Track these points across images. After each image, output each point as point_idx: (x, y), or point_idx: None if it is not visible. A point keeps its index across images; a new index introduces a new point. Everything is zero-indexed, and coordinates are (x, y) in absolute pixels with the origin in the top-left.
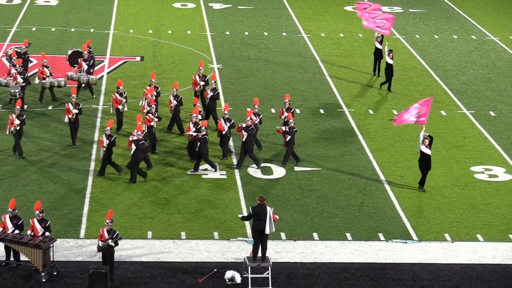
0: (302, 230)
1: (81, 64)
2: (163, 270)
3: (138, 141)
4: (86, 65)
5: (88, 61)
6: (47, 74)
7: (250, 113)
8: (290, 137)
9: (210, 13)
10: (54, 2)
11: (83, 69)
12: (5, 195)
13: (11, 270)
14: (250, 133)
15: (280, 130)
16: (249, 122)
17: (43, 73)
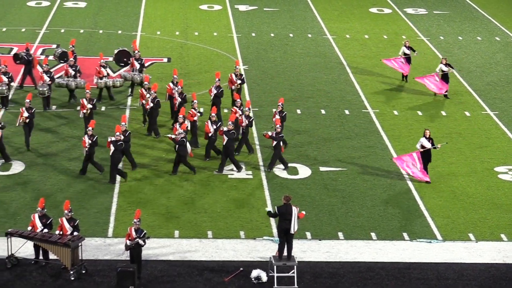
0: (328, 230)
1: (133, 63)
2: (189, 268)
3: (117, 142)
4: (139, 64)
5: (140, 60)
6: (104, 74)
7: (233, 117)
8: (276, 142)
9: (236, 15)
10: (82, 4)
11: (136, 68)
12: (34, 195)
13: (40, 268)
14: (230, 137)
15: (266, 135)
16: (230, 126)
17: (100, 73)
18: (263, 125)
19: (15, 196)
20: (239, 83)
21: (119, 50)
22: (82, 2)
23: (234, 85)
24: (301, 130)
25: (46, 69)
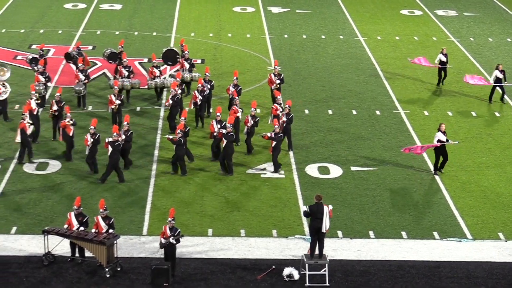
0: (359, 229)
1: (183, 63)
2: (222, 266)
3: (114, 142)
4: (188, 65)
5: (189, 60)
6: (156, 75)
7: (231, 119)
8: (275, 143)
9: (269, 17)
10: (118, 7)
11: (185, 68)
12: (71, 193)
13: (77, 265)
14: (229, 140)
15: (265, 136)
16: (229, 129)
17: (152, 73)
18: (295, 124)
19: (51, 195)
20: (279, 83)
21: (167, 49)
22: (118, 4)
23: (273, 85)
24: (333, 130)
25: (81, 68)
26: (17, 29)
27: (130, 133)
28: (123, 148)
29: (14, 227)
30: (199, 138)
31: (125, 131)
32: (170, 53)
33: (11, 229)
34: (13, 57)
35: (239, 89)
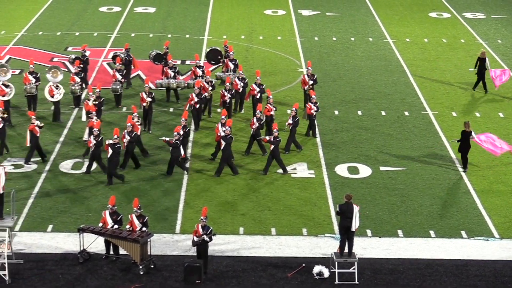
0: (387, 227)
1: (227, 64)
2: (254, 264)
3: (115, 145)
4: (232, 65)
5: (234, 61)
6: (199, 74)
7: (229, 122)
8: (274, 146)
9: (299, 20)
10: (152, 10)
11: (230, 69)
12: (105, 192)
13: (111, 263)
14: (228, 142)
15: (264, 139)
16: (227, 131)
17: (195, 73)
18: (325, 125)
19: (87, 193)
20: (312, 83)
21: (211, 49)
22: (152, 7)
23: (306, 86)
24: (362, 131)
25: (118, 68)
26: (53, 31)
27: (134, 134)
28: (127, 149)
29: (50, 225)
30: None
31: (129, 132)
32: (213, 52)
33: (48, 227)
34: (49, 59)
35: (262, 87)
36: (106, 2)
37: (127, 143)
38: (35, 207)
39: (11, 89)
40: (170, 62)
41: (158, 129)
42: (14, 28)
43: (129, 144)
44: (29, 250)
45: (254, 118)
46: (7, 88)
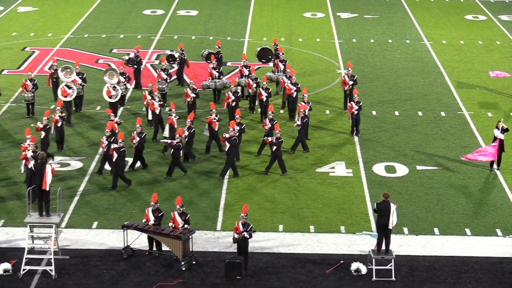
0: (424, 225)
1: (277, 65)
2: (293, 261)
3: (119, 149)
4: (283, 66)
5: (284, 62)
6: (244, 74)
7: (233, 123)
8: (276, 147)
9: (338, 22)
10: (194, 13)
11: (280, 69)
12: (148, 190)
13: (154, 259)
14: (232, 143)
15: (267, 140)
16: (232, 133)
17: (241, 72)
18: (363, 125)
19: (130, 191)
20: (352, 84)
21: (262, 48)
22: (194, 10)
23: (347, 86)
24: (399, 131)
25: (163, 68)
26: (99, 34)
27: (144, 135)
28: (137, 149)
29: (95, 222)
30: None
31: (139, 133)
32: (264, 51)
33: (93, 224)
34: (95, 61)
35: (298, 86)
36: (150, 5)
37: (137, 144)
38: (80, 205)
39: (73, 91)
40: (213, 62)
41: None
42: (61, 30)
43: (138, 144)
44: (74, 246)
45: (266, 119)
46: (70, 89)
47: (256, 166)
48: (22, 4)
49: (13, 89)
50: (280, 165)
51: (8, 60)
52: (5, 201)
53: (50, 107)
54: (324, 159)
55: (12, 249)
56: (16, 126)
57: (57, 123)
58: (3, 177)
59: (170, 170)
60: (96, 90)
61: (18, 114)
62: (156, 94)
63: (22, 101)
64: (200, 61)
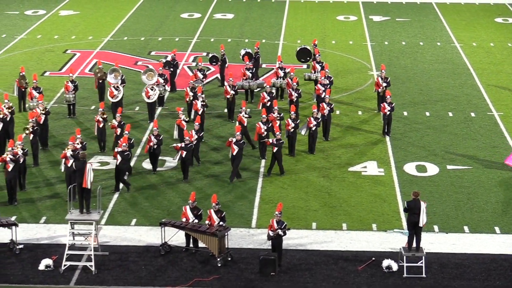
0: (454, 223)
1: (314, 66)
2: (326, 257)
3: (123, 152)
4: (319, 67)
5: (321, 63)
6: (280, 75)
7: (239, 128)
8: (277, 149)
9: (370, 25)
10: (230, 16)
11: (317, 70)
12: (186, 188)
13: (191, 255)
14: (240, 147)
15: (267, 142)
16: (239, 137)
17: (277, 73)
18: (394, 125)
19: (168, 190)
20: (385, 86)
21: (301, 48)
22: (230, 13)
23: (380, 88)
24: (430, 131)
25: (200, 68)
26: (137, 37)
27: (161, 137)
28: (154, 153)
29: (134, 219)
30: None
31: (156, 135)
32: (303, 51)
33: (131, 221)
34: (134, 63)
35: (326, 87)
36: (187, 9)
37: (155, 146)
38: (119, 202)
39: (119, 92)
40: (247, 63)
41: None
42: (101, 33)
43: (157, 147)
44: (114, 242)
45: (288, 120)
46: (116, 90)
47: (290, 165)
48: (64, 8)
49: (55, 90)
50: (280, 166)
51: (50, 62)
52: (46, 199)
53: (91, 108)
54: (356, 158)
55: (53, 245)
56: (58, 126)
57: (99, 123)
58: (44, 176)
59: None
60: (135, 90)
61: (59, 114)
62: (200, 95)
63: (64, 101)
64: (236, 63)
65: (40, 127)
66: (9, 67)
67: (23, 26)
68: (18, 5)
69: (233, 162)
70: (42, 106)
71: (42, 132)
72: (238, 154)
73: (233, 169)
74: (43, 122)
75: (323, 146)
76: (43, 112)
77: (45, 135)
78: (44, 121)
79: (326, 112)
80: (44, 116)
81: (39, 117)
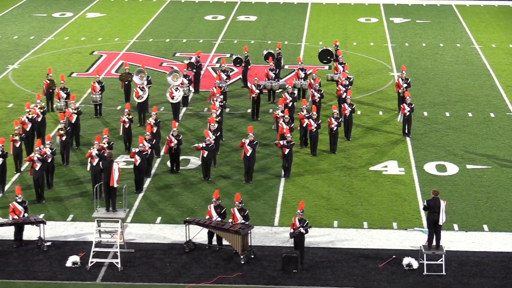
0: (473, 222)
1: (337, 67)
2: (347, 255)
3: (142, 152)
4: (342, 67)
5: (343, 64)
6: (300, 76)
7: (251, 128)
8: (288, 150)
9: (391, 27)
10: (253, 18)
11: (340, 71)
12: (209, 188)
13: (214, 253)
14: (254, 148)
15: (278, 144)
16: (252, 138)
17: (298, 74)
18: (415, 126)
19: (192, 188)
20: (405, 87)
21: (323, 49)
22: (253, 16)
23: (400, 89)
24: (450, 131)
25: (223, 69)
26: (162, 38)
27: (181, 137)
28: (176, 152)
29: (159, 218)
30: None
31: (176, 136)
32: (325, 53)
33: (156, 219)
34: (159, 64)
35: (347, 87)
36: (211, 11)
37: (175, 146)
38: (145, 201)
39: (145, 93)
40: (271, 64)
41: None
42: (127, 35)
43: (177, 147)
44: (139, 240)
45: (310, 120)
46: (142, 91)
47: (312, 165)
48: (91, 11)
49: (82, 90)
50: (288, 168)
51: (77, 63)
52: (74, 197)
53: (117, 108)
54: (377, 158)
55: (80, 242)
56: (85, 126)
57: (124, 124)
58: (72, 175)
59: (206, 173)
60: (160, 91)
61: (86, 115)
62: (218, 96)
63: (91, 102)
64: (259, 64)
65: (71, 126)
66: (37, 68)
67: (51, 28)
68: (46, 7)
69: (246, 163)
70: (75, 106)
71: (74, 131)
72: (252, 154)
73: (249, 170)
74: (75, 121)
75: (345, 146)
76: (75, 111)
77: (77, 134)
78: (76, 121)
79: (347, 113)
80: (76, 116)
81: (70, 116)
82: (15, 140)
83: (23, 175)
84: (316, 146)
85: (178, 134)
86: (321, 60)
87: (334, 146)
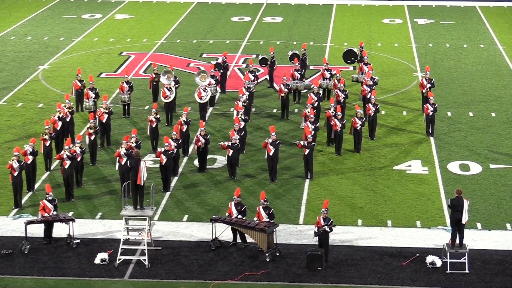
0: (496, 221)
1: (361, 67)
2: (371, 253)
3: (168, 152)
4: (366, 68)
5: (368, 65)
6: (326, 76)
7: (272, 128)
8: (308, 151)
9: (415, 28)
10: (279, 19)
11: (364, 71)
12: (231, 185)
13: (240, 250)
14: (276, 148)
15: (299, 145)
16: (274, 137)
17: (323, 75)
18: (438, 125)
19: (218, 186)
20: (429, 87)
21: (348, 50)
22: (279, 17)
23: (424, 89)
24: (473, 131)
25: (251, 70)
26: (190, 39)
27: (208, 137)
28: (203, 151)
29: (186, 216)
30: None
31: (203, 135)
32: (349, 53)
33: (183, 217)
34: (186, 65)
35: (372, 88)
36: (238, 12)
37: (203, 146)
38: (172, 199)
39: (172, 93)
40: (296, 64)
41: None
42: (155, 36)
43: (205, 146)
44: (166, 238)
45: (355, 118)
46: (169, 91)
47: (337, 164)
48: (119, 12)
49: (111, 90)
50: (310, 170)
51: (106, 64)
52: (102, 195)
53: (145, 108)
54: (401, 157)
55: (109, 240)
56: (113, 126)
57: (152, 123)
58: (101, 173)
59: (232, 171)
60: (187, 91)
61: (115, 114)
62: (241, 96)
63: (119, 102)
64: (284, 65)
65: (102, 126)
66: (67, 69)
67: (80, 29)
68: (75, 9)
69: (270, 162)
70: (106, 106)
71: (105, 131)
72: (275, 154)
73: (273, 170)
74: (106, 121)
75: (369, 145)
76: (106, 111)
77: (108, 134)
78: (107, 120)
79: (371, 113)
80: (107, 116)
81: (102, 116)
82: (45, 139)
83: (53, 173)
84: (340, 145)
85: (206, 133)
86: (346, 61)
87: (359, 146)
